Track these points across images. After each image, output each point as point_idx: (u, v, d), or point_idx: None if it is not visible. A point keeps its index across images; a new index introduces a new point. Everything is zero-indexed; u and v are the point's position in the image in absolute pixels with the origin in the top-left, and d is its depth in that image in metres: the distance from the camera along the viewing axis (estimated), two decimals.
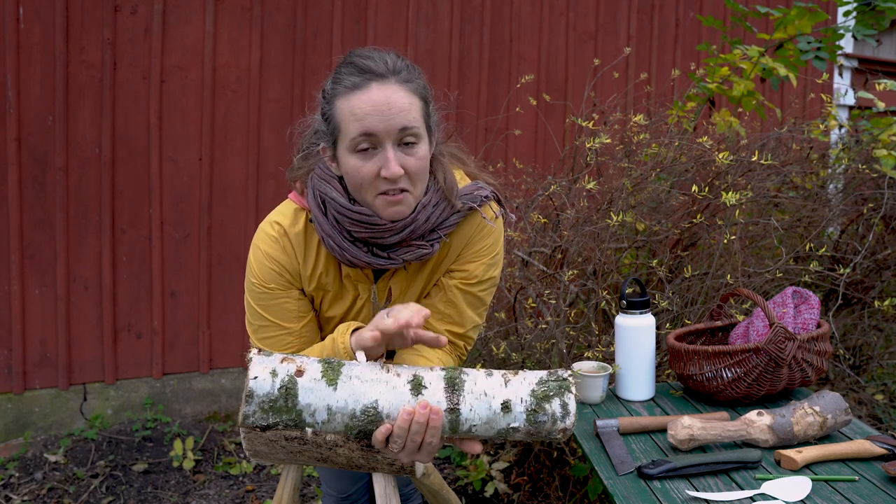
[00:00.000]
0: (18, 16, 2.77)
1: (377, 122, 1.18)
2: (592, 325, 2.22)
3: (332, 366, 1.08)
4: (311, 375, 1.06)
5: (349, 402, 1.06)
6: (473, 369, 1.14)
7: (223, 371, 3.20)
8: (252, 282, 1.35)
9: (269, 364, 1.06)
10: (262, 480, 2.79)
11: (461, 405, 1.09)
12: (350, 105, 1.19)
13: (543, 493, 2.46)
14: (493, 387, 1.10)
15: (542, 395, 1.10)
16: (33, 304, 2.90)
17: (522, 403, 1.10)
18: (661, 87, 3.87)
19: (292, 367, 1.06)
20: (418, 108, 1.23)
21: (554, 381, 1.12)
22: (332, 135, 1.24)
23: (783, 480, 1.27)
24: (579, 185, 2.38)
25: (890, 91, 2.68)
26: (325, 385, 1.06)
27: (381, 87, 1.19)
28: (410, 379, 1.09)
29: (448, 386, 1.09)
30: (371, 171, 1.20)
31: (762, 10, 2.70)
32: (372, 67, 1.19)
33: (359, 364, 1.10)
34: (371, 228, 1.26)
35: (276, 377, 1.05)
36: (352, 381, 1.07)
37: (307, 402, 1.05)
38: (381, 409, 1.07)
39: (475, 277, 1.39)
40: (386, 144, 1.19)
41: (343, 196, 1.27)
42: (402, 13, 3.39)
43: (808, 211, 2.71)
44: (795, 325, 1.68)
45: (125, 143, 2.96)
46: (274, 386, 1.04)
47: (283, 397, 1.05)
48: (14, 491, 2.62)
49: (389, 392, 1.07)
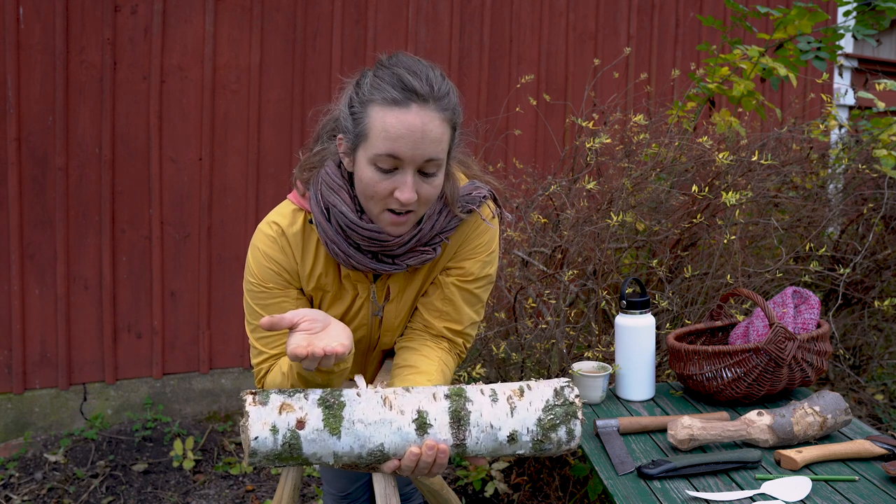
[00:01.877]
0: (18, 16, 2.77)
1: (406, 149, 1.17)
2: (592, 325, 2.22)
3: (332, 411, 1.06)
4: (313, 426, 1.05)
5: (354, 448, 1.06)
6: (478, 391, 1.12)
7: (223, 371, 3.20)
8: (251, 281, 1.35)
9: (267, 418, 1.03)
10: (262, 480, 2.79)
11: (467, 440, 1.09)
12: (385, 120, 1.17)
13: (543, 493, 2.46)
14: (498, 417, 1.10)
15: (548, 424, 1.10)
16: (33, 303, 2.90)
17: (528, 434, 1.10)
18: (661, 87, 3.87)
19: (292, 419, 1.04)
20: (447, 139, 1.22)
21: (560, 407, 1.11)
22: (357, 137, 1.22)
23: (783, 480, 1.27)
24: (579, 185, 2.38)
25: (890, 91, 2.68)
26: (328, 435, 1.05)
27: (420, 112, 1.17)
28: (415, 417, 1.08)
29: (453, 421, 1.09)
30: (386, 189, 1.20)
31: (762, 10, 2.70)
32: (416, 88, 1.17)
33: (360, 400, 1.08)
34: (380, 244, 1.27)
35: (276, 434, 1.03)
36: (355, 426, 1.06)
37: (312, 452, 1.05)
38: (388, 451, 1.08)
39: (472, 275, 1.40)
40: (407, 169, 1.19)
41: (352, 210, 1.26)
42: (402, 13, 3.39)
43: (808, 211, 2.71)
44: (795, 325, 1.68)
45: (125, 143, 2.96)
46: (276, 443, 1.03)
47: (287, 451, 1.04)
48: (14, 491, 2.62)
49: (394, 434, 1.07)
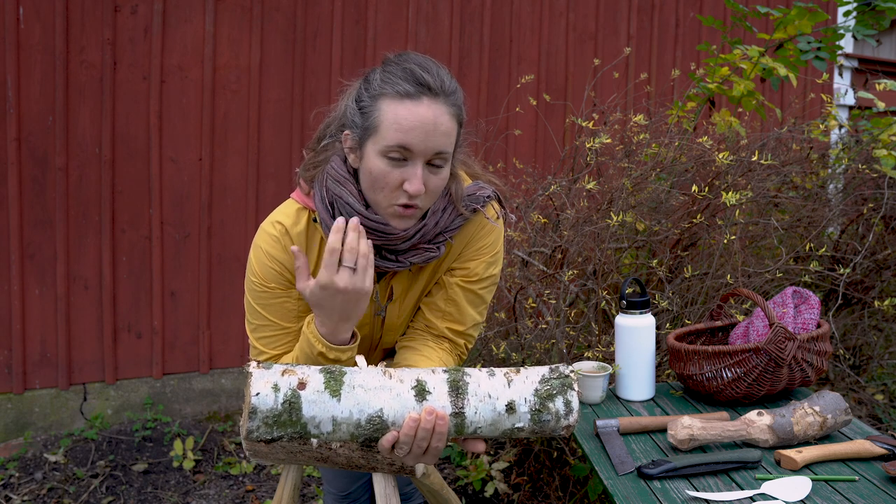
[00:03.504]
0: (18, 16, 2.77)
1: (418, 140, 1.19)
2: (592, 325, 2.22)
3: (333, 375, 1.07)
4: (314, 387, 1.05)
5: (354, 413, 1.06)
6: (475, 369, 1.14)
7: (223, 371, 3.20)
8: (252, 281, 1.35)
9: (270, 378, 1.05)
10: (262, 480, 2.79)
11: (466, 408, 1.09)
12: (397, 112, 1.19)
13: (543, 493, 2.46)
14: (496, 388, 1.10)
15: (545, 394, 1.11)
16: (33, 303, 2.90)
17: (526, 404, 1.10)
18: (661, 87, 3.87)
19: (294, 380, 1.05)
20: (455, 134, 1.25)
21: (556, 379, 1.12)
22: (366, 130, 1.23)
23: (783, 480, 1.27)
24: (579, 185, 2.38)
25: (890, 91, 2.68)
26: (328, 397, 1.05)
27: (432, 105, 1.19)
28: (414, 385, 1.09)
29: (452, 389, 1.09)
30: (396, 180, 1.21)
31: (762, 10, 2.70)
32: (429, 82, 1.20)
33: (360, 371, 1.09)
34: (385, 237, 1.27)
35: (278, 392, 1.04)
36: (355, 390, 1.07)
37: (311, 415, 1.05)
38: (387, 418, 1.07)
39: (476, 275, 1.40)
40: (417, 161, 1.20)
41: (359, 201, 1.27)
42: (402, 13, 3.39)
43: (808, 211, 2.71)
44: (795, 325, 1.68)
45: (125, 143, 2.96)
46: (277, 401, 1.04)
47: (286, 412, 1.04)
48: (14, 491, 2.62)
49: (393, 399, 1.07)
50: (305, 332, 1.26)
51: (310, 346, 1.25)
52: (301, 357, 1.27)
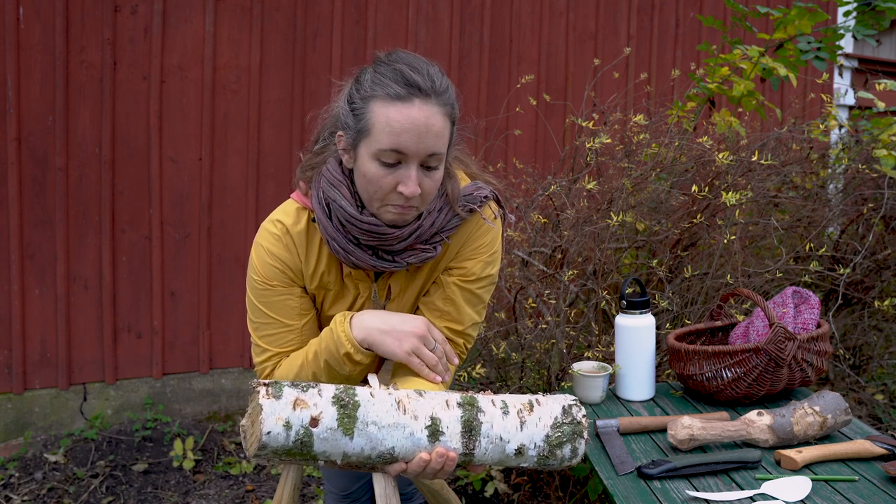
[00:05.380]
0: (18, 16, 2.77)
1: (411, 143, 1.18)
2: (592, 325, 2.22)
3: (347, 410, 1.05)
4: (327, 424, 1.04)
5: (365, 449, 1.07)
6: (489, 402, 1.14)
7: (223, 371, 3.20)
8: (254, 279, 1.35)
9: (281, 413, 1.02)
10: (262, 480, 2.79)
11: (476, 449, 1.11)
12: (388, 115, 1.18)
13: (543, 493, 2.46)
14: (508, 430, 1.12)
15: (555, 441, 1.13)
16: (33, 303, 2.90)
17: (535, 448, 1.13)
18: (661, 87, 3.87)
19: (306, 416, 1.03)
20: (448, 133, 1.24)
21: (568, 425, 1.14)
22: (359, 132, 1.23)
23: (783, 480, 1.28)
24: (579, 185, 2.38)
25: (890, 91, 2.68)
26: (341, 434, 1.05)
27: (423, 107, 1.18)
28: (428, 424, 1.09)
29: (465, 430, 1.10)
30: (390, 184, 1.22)
31: (762, 10, 2.70)
32: (419, 83, 1.19)
33: (374, 401, 1.08)
34: (380, 238, 1.28)
35: (290, 430, 1.02)
36: (368, 427, 1.06)
37: (322, 450, 1.05)
38: (397, 455, 1.08)
39: (473, 275, 1.40)
40: (411, 163, 1.20)
41: (352, 205, 1.27)
42: (402, 13, 3.39)
43: (808, 211, 2.71)
44: (795, 325, 1.68)
45: (125, 143, 2.96)
46: (288, 439, 1.03)
47: (297, 448, 1.03)
48: (14, 491, 2.62)
49: (406, 439, 1.08)
50: (336, 331, 1.28)
51: (336, 346, 1.27)
52: (321, 352, 1.30)
